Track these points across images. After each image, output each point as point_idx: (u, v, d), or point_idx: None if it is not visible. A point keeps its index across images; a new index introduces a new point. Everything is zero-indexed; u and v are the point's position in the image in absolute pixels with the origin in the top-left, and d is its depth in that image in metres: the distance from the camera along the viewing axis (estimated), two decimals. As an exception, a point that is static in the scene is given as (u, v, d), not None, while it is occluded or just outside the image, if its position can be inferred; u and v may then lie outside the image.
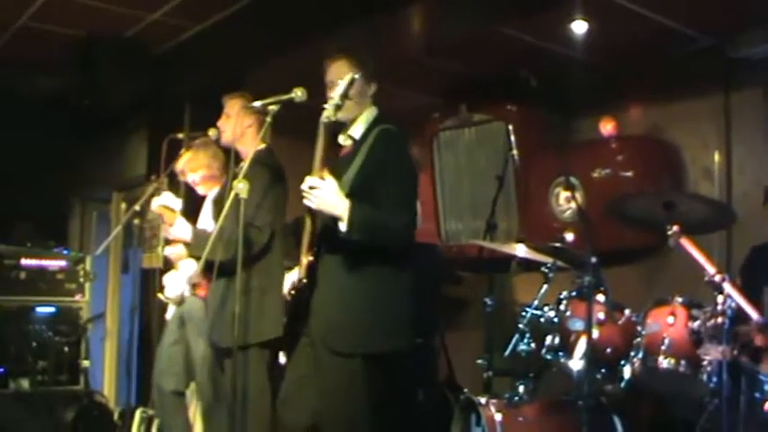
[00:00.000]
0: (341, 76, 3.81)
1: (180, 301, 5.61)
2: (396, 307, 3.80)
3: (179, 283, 5.64)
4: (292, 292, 4.14)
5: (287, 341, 4.21)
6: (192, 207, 5.79)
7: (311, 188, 3.66)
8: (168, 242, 5.64)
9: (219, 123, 4.88)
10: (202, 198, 5.79)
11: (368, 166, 3.77)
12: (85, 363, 7.38)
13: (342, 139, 3.98)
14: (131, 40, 6.97)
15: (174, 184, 6.04)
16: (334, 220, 3.67)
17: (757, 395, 4.09)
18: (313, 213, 3.82)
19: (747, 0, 5.16)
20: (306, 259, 3.93)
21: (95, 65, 7.00)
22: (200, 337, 5.40)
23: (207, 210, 5.68)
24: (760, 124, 5.82)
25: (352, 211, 3.63)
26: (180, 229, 4.81)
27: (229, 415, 4.41)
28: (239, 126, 4.81)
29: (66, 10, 6.35)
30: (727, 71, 5.89)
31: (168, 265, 5.88)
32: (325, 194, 3.66)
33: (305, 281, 3.93)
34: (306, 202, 3.73)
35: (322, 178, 3.67)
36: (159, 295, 5.78)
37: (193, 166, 5.70)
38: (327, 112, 3.75)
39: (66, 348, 7.27)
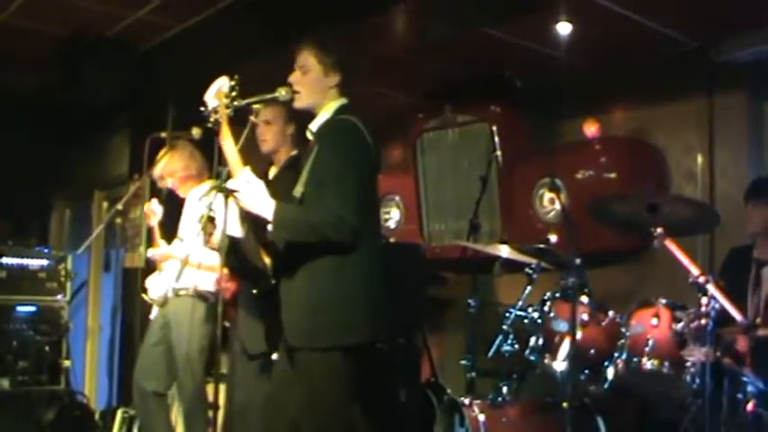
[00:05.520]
0: (304, 63, 3.87)
1: (163, 303, 5.59)
2: (355, 300, 3.74)
3: (162, 284, 5.62)
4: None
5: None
6: (173, 211, 5.77)
7: (233, 192, 3.69)
8: (151, 243, 5.64)
9: (258, 132, 4.82)
10: (183, 201, 5.76)
11: (316, 161, 3.73)
12: (66, 362, 7.34)
13: (307, 134, 3.98)
14: (114, 38, 6.93)
15: (157, 187, 6.01)
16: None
17: (739, 396, 4.12)
18: (252, 217, 3.84)
19: (731, 4, 5.18)
20: (268, 260, 3.98)
21: (78, 63, 6.96)
22: (183, 339, 5.40)
23: (190, 210, 5.65)
24: (743, 127, 5.85)
25: (275, 212, 3.65)
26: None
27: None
28: (281, 134, 4.81)
29: (49, 7, 6.32)
30: (710, 74, 5.91)
31: (151, 265, 5.86)
32: (247, 197, 3.69)
33: (274, 281, 3.96)
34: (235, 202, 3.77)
35: (247, 181, 3.70)
36: (143, 296, 5.77)
37: (170, 170, 5.66)
38: (211, 119, 3.87)
39: (46, 348, 7.22)
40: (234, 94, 3.86)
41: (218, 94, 3.83)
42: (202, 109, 3.83)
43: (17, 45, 7.05)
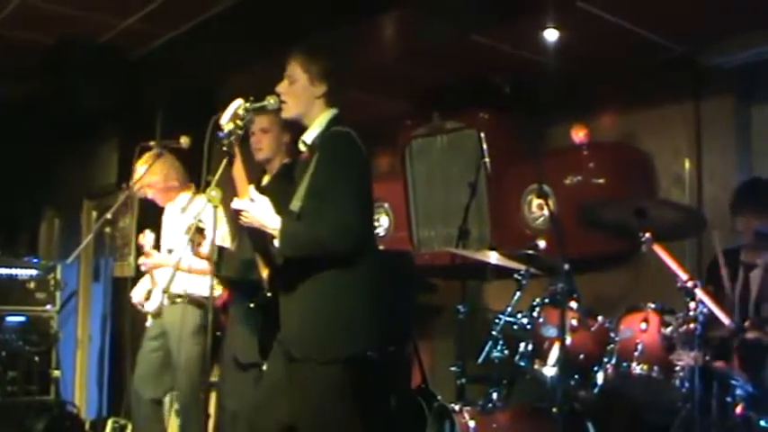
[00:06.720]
0: (291, 73, 3.86)
1: (157, 313, 5.58)
2: (357, 311, 3.74)
3: (156, 295, 5.61)
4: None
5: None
6: (149, 220, 5.77)
7: (239, 211, 3.69)
8: (140, 252, 5.64)
9: (254, 140, 4.81)
10: (161, 210, 5.76)
11: (316, 174, 3.72)
12: (56, 373, 7.33)
13: (300, 145, 3.97)
14: (104, 46, 6.92)
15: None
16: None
17: (729, 399, 4.13)
18: (250, 231, 3.85)
19: (718, 9, 5.19)
20: (264, 273, 3.96)
21: (67, 71, 6.94)
22: (180, 346, 5.39)
23: (170, 220, 5.65)
24: (730, 132, 5.87)
25: (282, 229, 3.65)
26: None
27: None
28: (277, 142, 4.80)
29: (37, 16, 6.30)
30: (698, 79, 5.93)
31: (140, 274, 5.86)
32: (254, 215, 3.69)
33: (269, 294, 3.95)
34: (242, 221, 3.77)
35: (251, 199, 3.70)
36: (137, 306, 5.75)
37: (149, 182, 5.64)
38: (225, 142, 3.79)
39: (36, 358, 7.21)
40: (248, 116, 3.83)
41: (233, 117, 3.80)
42: (219, 134, 3.80)
43: (6, 54, 7.03)
